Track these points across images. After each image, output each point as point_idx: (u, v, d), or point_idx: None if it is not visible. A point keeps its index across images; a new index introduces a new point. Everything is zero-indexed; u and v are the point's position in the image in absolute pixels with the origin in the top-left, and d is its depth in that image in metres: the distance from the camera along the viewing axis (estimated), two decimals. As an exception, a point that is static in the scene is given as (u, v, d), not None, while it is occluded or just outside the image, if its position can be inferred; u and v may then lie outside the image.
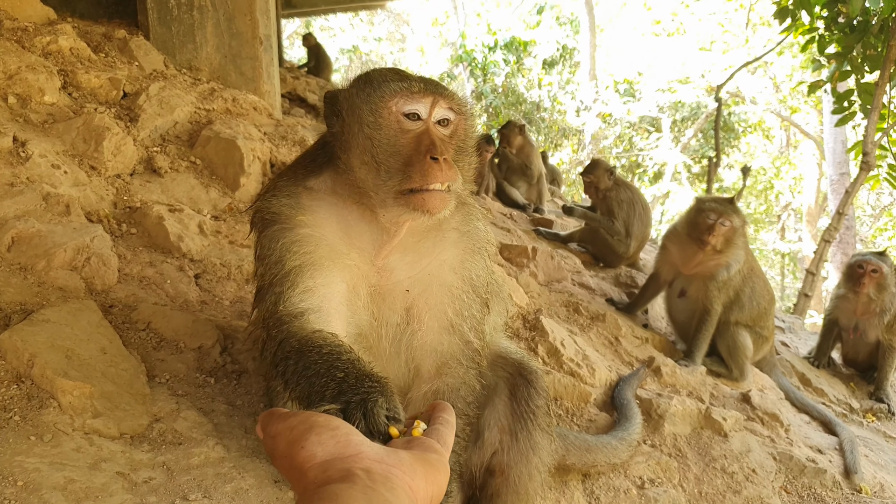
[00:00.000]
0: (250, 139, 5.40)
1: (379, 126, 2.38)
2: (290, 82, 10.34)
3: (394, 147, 2.37)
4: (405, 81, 2.40)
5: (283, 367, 2.25)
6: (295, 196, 2.55)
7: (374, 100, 2.39)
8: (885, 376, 7.32)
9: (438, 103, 2.41)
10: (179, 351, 3.45)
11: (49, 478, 2.32)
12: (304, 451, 1.31)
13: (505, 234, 8.03)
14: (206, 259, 4.36)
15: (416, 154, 2.34)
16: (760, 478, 4.49)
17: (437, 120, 2.44)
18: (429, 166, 2.29)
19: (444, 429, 1.57)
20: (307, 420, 1.38)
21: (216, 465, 2.73)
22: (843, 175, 18.12)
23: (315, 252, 2.46)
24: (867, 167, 9.63)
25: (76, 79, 5.21)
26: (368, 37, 35.87)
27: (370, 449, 1.33)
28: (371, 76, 2.48)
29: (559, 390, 4.68)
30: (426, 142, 2.35)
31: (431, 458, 1.41)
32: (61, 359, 2.84)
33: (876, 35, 9.16)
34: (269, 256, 2.48)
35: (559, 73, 26.02)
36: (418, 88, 2.39)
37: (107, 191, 4.48)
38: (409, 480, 1.28)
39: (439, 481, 1.37)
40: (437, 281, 2.63)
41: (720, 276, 6.35)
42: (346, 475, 1.22)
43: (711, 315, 6.37)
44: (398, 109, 2.38)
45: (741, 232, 6.39)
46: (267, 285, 2.48)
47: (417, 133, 2.38)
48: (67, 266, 3.58)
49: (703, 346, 6.35)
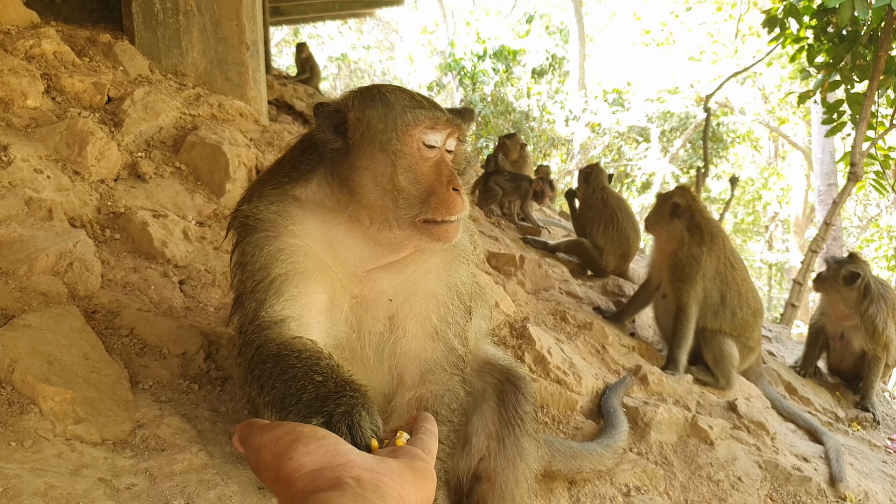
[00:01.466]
0: (236, 145, 5.37)
1: (402, 154, 2.37)
2: (278, 89, 10.33)
3: (415, 175, 2.38)
4: (429, 110, 2.41)
5: (259, 371, 2.22)
6: (282, 204, 2.51)
7: (399, 126, 2.38)
8: (871, 385, 7.33)
9: (454, 134, 2.46)
10: (163, 357, 3.42)
11: (29, 484, 2.28)
12: (291, 461, 1.30)
13: (493, 242, 8.02)
14: (190, 265, 4.33)
15: (438, 184, 2.38)
16: (746, 486, 4.49)
17: (448, 149, 2.47)
18: (452, 198, 2.35)
19: (428, 438, 1.57)
20: (293, 431, 1.37)
21: (199, 472, 2.70)
22: (831, 186, 18.22)
23: (301, 262, 2.43)
24: (854, 177, 9.68)
25: (60, 83, 5.17)
26: (357, 45, 35.92)
27: (359, 458, 1.32)
28: (386, 97, 2.45)
29: (546, 398, 4.66)
30: (447, 172, 2.40)
31: (419, 465, 1.40)
32: (43, 364, 2.81)
33: (865, 45, 9.21)
34: (251, 263, 2.44)
35: (548, 83, 26.08)
36: (444, 120, 2.41)
37: (90, 196, 4.45)
38: (398, 488, 1.28)
39: (428, 489, 1.37)
40: (421, 288, 2.62)
41: (687, 267, 6.46)
42: (335, 484, 1.21)
43: (685, 313, 6.41)
44: (421, 137, 2.38)
45: (704, 222, 6.64)
46: (248, 292, 2.43)
47: (435, 161, 2.42)
48: (49, 271, 3.54)
49: (681, 347, 6.39)
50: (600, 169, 8.82)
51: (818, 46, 10.05)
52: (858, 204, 26.52)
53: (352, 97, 2.50)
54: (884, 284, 7.57)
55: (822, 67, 10.03)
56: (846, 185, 9.97)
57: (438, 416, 2.65)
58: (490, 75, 24.89)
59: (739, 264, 6.72)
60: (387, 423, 2.70)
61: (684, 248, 6.54)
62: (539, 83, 25.97)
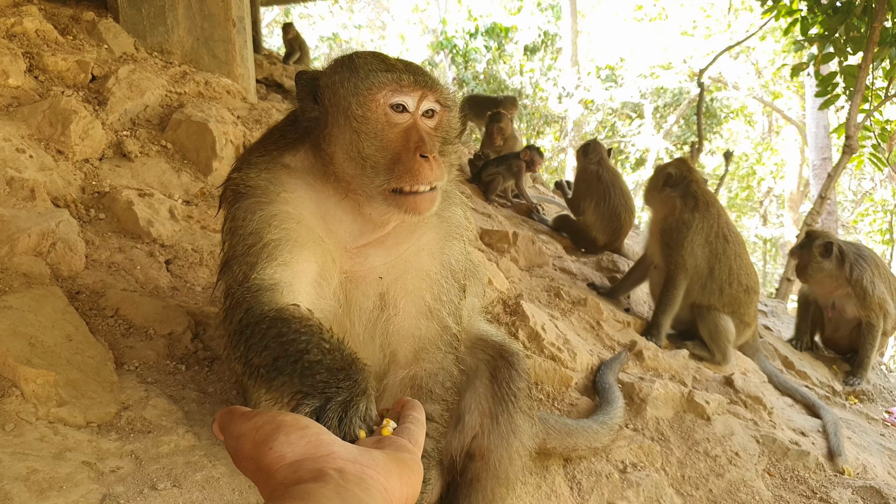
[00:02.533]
0: (223, 122, 5.29)
1: (366, 119, 2.29)
2: (267, 68, 10.21)
3: (381, 142, 2.29)
4: (393, 72, 2.30)
5: (250, 332, 2.14)
6: (274, 171, 2.45)
7: (361, 91, 2.29)
8: (866, 355, 7.26)
9: (427, 96, 2.34)
10: (149, 338, 3.37)
11: (11, 468, 2.25)
12: (272, 451, 1.25)
13: (486, 219, 7.98)
14: (177, 244, 4.27)
15: (405, 151, 2.27)
16: (743, 460, 4.46)
17: (423, 112, 2.36)
18: (419, 165, 2.23)
19: (415, 427, 1.53)
20: (274, 420, 1.32)
21: (186, 454, 2.66)
22: (826, 160, 18.19)
23: (294, 230, 2.37)
24: (850, 150, 9.62)
25: (42, 61, 5.08)
26: (349, 24, 35.66)
27: (343, 449, 1.27)
28: (355, 63, 2.36)
29: (540, 375, 4.63)
30: (415, 138, 2.28)
31: (405, 457, 1.36)
32: (24, 346, 2.76)
33: (859, 17, 9.11)
34: (242, 228, 2.37)
35: (541, 60, 25.98)
36: (408, 81, 2.29)
37: (74, 175, 4.37)
38: (383, 481, 1.23)
39: (413, 482, 1.33)
40: (413, 266, 2.56)
41: (675, 232, 6.52)
42: (318, 475, 1.17)
43: (672, 279, 6.47)
44: (386, 101, 2.29)
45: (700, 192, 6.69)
46: (239, 255, 2.35)
47: (405, 127, 2.31)
48: (32, 252, 3.47)
49: (664, 313, 6.45)
50: (599, 144, 8.81)
51: (812, 18, 9.95)
52: (853, 178, 26.49)
53: (328, 65, 2.46)
54: (855, 245, 7.58)
55: (815, 40, 9.94)
56: (841, 159, 9.92)
57: (433, 394, 2.63)
58: (482, 53, 24.78)
59: (734, 239, 6.65)
60: (378, 402, 2.66)
61: (676, 213, 6.55)
62: (531, 60, 25.87)
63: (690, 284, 6.49)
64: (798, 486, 4.48)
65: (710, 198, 6.72)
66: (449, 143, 2.49)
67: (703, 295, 6.49)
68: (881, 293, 7.17)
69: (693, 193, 6.58)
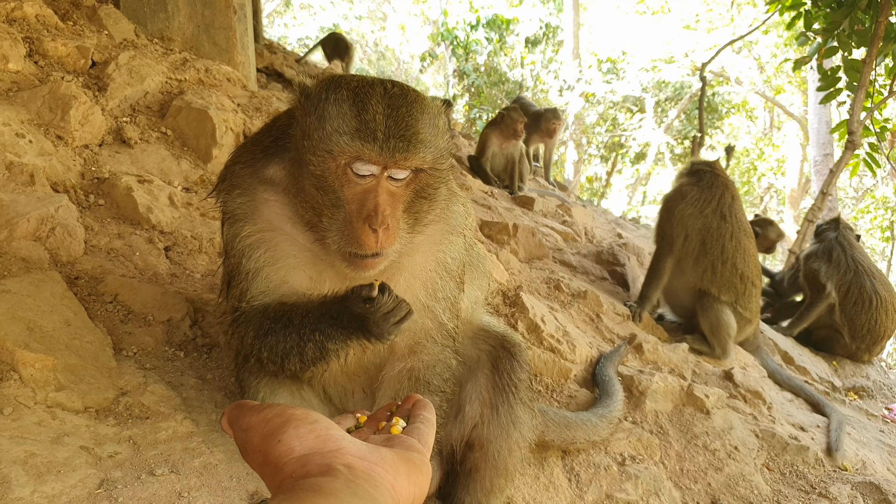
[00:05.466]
0: (223, 110, 5.27)
1: (324, 177, 2.19)
2: (267, 57, 10.17)
3: (337, 199, 2.21)
4: (358, 139, 2.11)
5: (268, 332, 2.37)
6: (250, 193, 2.45)
7: (321, 152, 2.16)
8: None
9: (392, 167, 2.17)
10: (148, 324, 3.36)
11: (9, 452, 2.24)
12: (280, 444, 1.24)
13: (485, 211, 7.96)
14: (176, 231, 4.25)
15: (356, 217, 2.18)
16: (742, 455, 4.46)
17: (391, 176, 2.20)
18: (365, 236, 2.16)
19: (425, 427, 1.52)
20: (283, 413, 1.31)
21: (184, 440, 2.65)
22: (827, 156, 18.13)
23: (277, 248, 2.44)
24: (852, 146, 9.57)
25: (42, 47, 5.04)
26: (349, 15, 35.57)
27: (351, 445, 1.26)
28: (325, 109, 2.18)
29: (539, 366, 4.62)
30: (370, 205, 2.16)
31: (414, 457, 1.35)
32: (23, 330, 2.75)
33: (864, 10, 9.06)
34: (231, 251, 2.51)
35: (542, 52, 25.89)
36: (370, 152, 2.11)
37: (74, 161, 4.35)
38: (391, 479, 1.22)
39: (421, 482, 1.32)
40: (406, 268, 2.55)
41: (671, 201, 6.74)
42: (326, 470, 1.16)
43: (660, 249, 6.68)
44: (347, 166, 2.16)
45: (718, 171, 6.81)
46: (234, 276, 2.51)
47: (364, 189, 2.19)
48: (31, 236, 3.46)
49: (649, 284, 6.65)
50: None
51: (816, 13, 9.90)
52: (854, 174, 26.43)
53: (317, 88, 2.27)
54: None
55: (819, 33, 9.89)
56: (844, 154, 9.87)
57: (431, 386, 2.65)
58: (483, 45, 24.67)
59: (734, 222, 6.61)
60: (377, 391, 2.67)
61: (677, 184, 6.60)
62: (533, 53, 25.78)
63: (683, 259, 6.49)
64: (797, 481, 4.48)
65: (723, 178, 6.72)
66: (427, 197, 2.35)
67: (695, 272, 6.49)
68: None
69: (700, 171, 6.61)
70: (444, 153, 2.33)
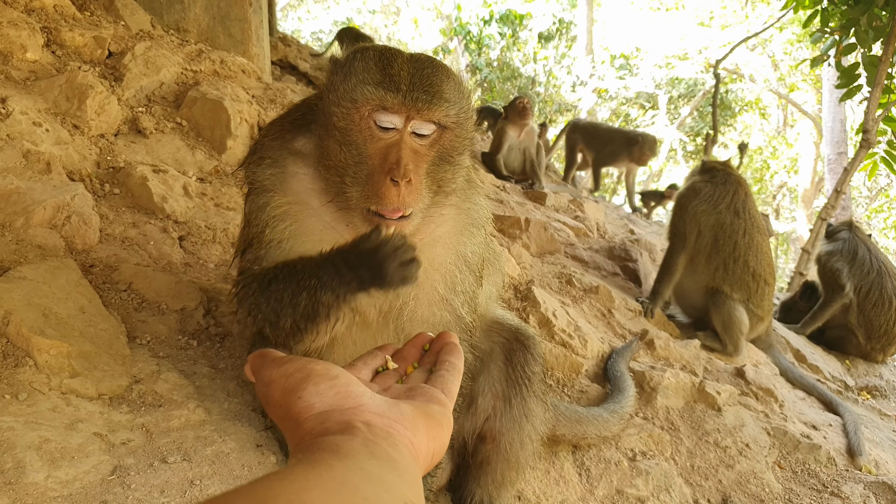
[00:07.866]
0: (238, 101, 5.28)
1: (347, 130, 2.20)
2: (282, 49, 10.17)
3: (360, 155, 2.21)
4: (381, 88, 2.15)
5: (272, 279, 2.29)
6: (281, 163, 2.45)
7: (345, 102, 2.19)
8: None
9: (415, 118, 2.18)
10: (161, 312, 3.36)
11: (24, 437, 2.24)
12: (300, 401, 1.22)
13: (497, 205, 7.94)
14: (190, 221, 4.26)
15: (378, 171, 2.17)
16: (754, 452, 4.44)
17: (414, 131, 2.21)
18: (386, 189, 2.14)
19: (450, 375, 1.48)
20: (304, 368, 1.29)
21: (197, 428, 2.65)
22: (841, 154, 18.03)
23: (297, 226, 2.41)
24: (867, 144, 9.46)
25: (60, 36, 5.06)
26: (363, 9, 35.53)
27: (371, 401, 1.24)
28: (352, 67, 2.22)
29: (550, 361, 4.61)
30: (392, 158, 2.15)
31: (434, 410, 1.32)
32: (38, 317, 2.76)
33: (882, 7, 8.96)
34: (255, 223, 2.45)
35: (555, 48, 25.84)
36: (393, 101, 2.14)
37: (90, 150, 4.36)
38: (410, 436, 1.21)
39: (442, 437, 1.29)
40: (427, 257, 2.48)
41: (684, 197, 6.76)
42: (345, 427, 1.15)
43: (673, 245, 6.68)
44: (369, 116, 2.17)
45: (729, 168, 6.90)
46: (255, 246, 2.45)
47: (388, 144, 2.19)
48: (47, 224, 3.47)
49: (661, 280, 6.64)
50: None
51: (832, 10, 9.80)
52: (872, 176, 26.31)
53: (343, 54, 2.35)
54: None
55: (836, 30, 9.78)
56: (858, 153, 9.75)
57: None
58: (496, 40, 24.64)
59: (748, 218, 6.59)
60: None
61: (690, 182, 6.61)
62: (546, 48, 25.73)
63: (696, 255, 6.49)
64: (809, 480, 4.46)
65: (736, 176, 6.72)
66: (449, 160, 2.35)
67: (707, 270, 6.48)
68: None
69: (713, 169, 6.62)
70: (468, 114, 2.33)
